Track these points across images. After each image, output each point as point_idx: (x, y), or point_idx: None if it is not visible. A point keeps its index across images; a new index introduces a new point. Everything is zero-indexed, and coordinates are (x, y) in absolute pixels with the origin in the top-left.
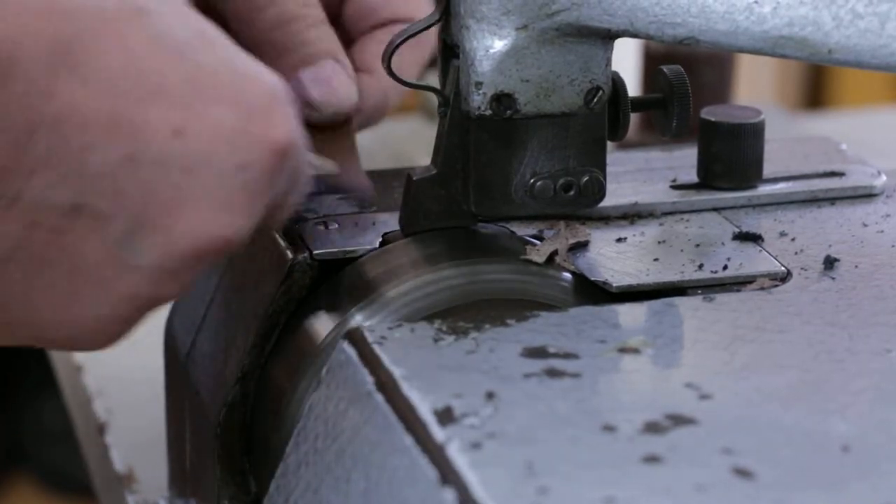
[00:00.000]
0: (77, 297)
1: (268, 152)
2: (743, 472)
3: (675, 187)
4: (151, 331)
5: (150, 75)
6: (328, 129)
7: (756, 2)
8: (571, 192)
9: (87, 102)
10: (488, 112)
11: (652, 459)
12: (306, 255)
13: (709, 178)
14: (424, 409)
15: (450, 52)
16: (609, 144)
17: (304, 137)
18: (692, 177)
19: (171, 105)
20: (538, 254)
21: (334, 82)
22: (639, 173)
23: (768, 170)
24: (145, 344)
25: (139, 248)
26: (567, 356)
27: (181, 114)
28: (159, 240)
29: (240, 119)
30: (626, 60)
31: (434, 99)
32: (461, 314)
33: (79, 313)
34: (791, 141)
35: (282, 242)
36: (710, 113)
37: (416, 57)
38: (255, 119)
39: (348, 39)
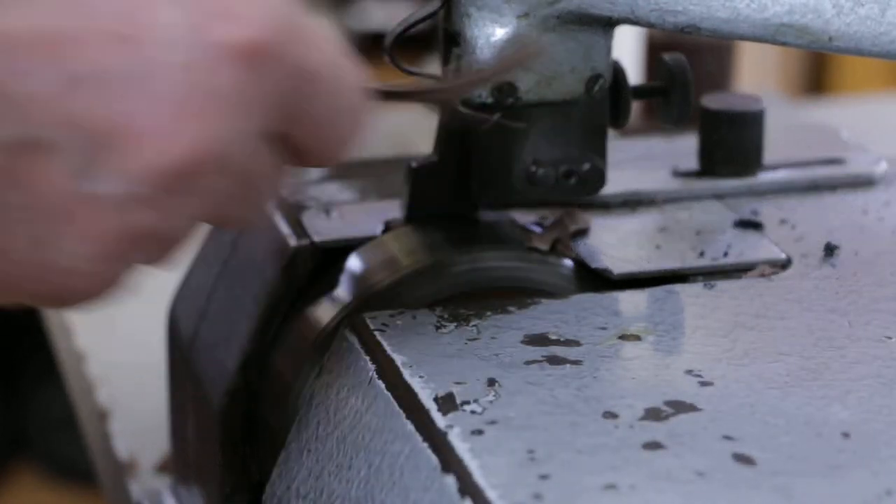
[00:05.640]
0: (44, 241)
1: (220, 50)
2: (743, 459)
3: (676, 175)
4: (154, 319)
5: None
6: None
7: None
8: (572, 180)
9: (20, 23)
10: (489, 100)
11: (653, 446)
12: (308, 242)
13: (710, 165)
14: (426, 395)
15: (451, 41)
16: (610, 132)
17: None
18: (693, 164)
19: (115, 13)
20: (541, 241)
21: None
22: (640, 161)
23: (769, 157)
24: (148, 332)
25: (99, 175)
26: (568, 343)
27: (127, 22)
28: (119, 162)
29: (187, 20)
30: (628, 48)
31: None
32: (462, 301)
33: (51, 259)
34: (792, 128)
35: (284, 229)
36: (711, 101)
37: None
38: (207, 17)
39: None
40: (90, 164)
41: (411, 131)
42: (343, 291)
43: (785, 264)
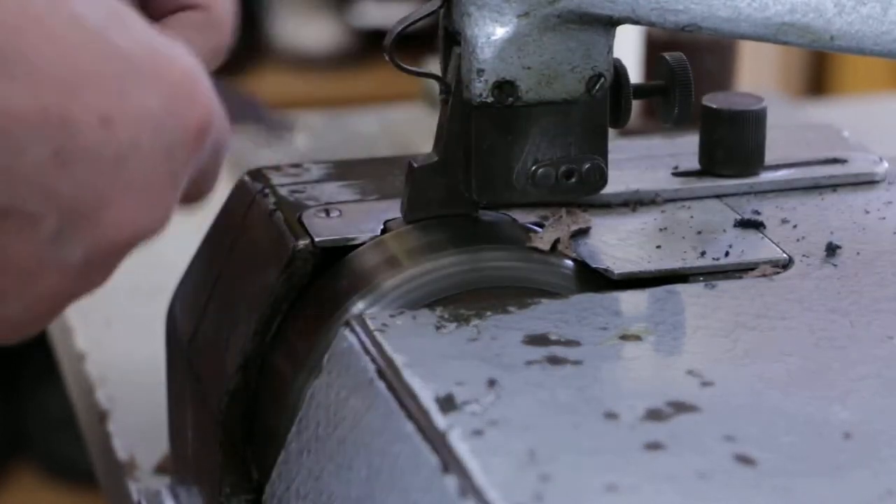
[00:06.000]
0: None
1: (191, 133)
2: (744, 459)
3: (677, 174)
4: (154, 318)
5: (76, 62)
6: None
7: None
8: (573, 180)
9: (16, 100)
10: (490, 99)
11: (654, 446)
12: (308, 242)
13: (710, 165)
14: (426, 396)
15: (451, 40)
16: (611, 132)
17: (222, 110)
18: (694, 164)
19: (97, 92)
20: (542, 241)
21: None
22: (640, 160)
23: (770, 157)
24: (147, 332)
25: (68, 245)
26: (569, 343)
27: (107, 101)
28: (88, 235)
29: (163, 102)
30: (628, 47)
31: (436, 86)
32: (463, 301)
33: None
34: (793, 128)
35: (284, 230)
36: (711, 100)
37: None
38: (178, 101)
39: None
40: (63, 232)
41: (411, 131)
42: (343, 291)
43: (786, 264)
